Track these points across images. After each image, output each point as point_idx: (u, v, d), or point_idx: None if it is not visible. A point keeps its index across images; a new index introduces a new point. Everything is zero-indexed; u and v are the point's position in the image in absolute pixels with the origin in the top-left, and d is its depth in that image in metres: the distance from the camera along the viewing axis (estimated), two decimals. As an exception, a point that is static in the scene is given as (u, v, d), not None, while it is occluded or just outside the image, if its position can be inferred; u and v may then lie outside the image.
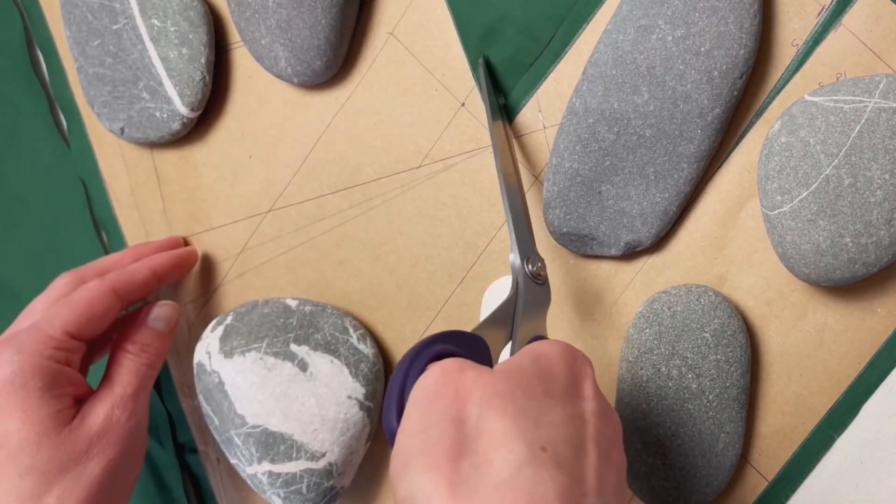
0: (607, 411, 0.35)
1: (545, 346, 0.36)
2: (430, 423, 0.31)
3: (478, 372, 0.33)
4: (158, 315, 0.49)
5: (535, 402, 0.32)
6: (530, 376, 0.33)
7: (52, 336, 0.44)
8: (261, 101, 0.51)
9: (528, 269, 0.42)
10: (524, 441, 0.30)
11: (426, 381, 0.33)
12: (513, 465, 0.30)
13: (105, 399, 0.45)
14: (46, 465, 0.42)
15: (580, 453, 0.32)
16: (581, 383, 0.35)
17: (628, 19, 0.43)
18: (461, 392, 0.32)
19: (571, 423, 0.33)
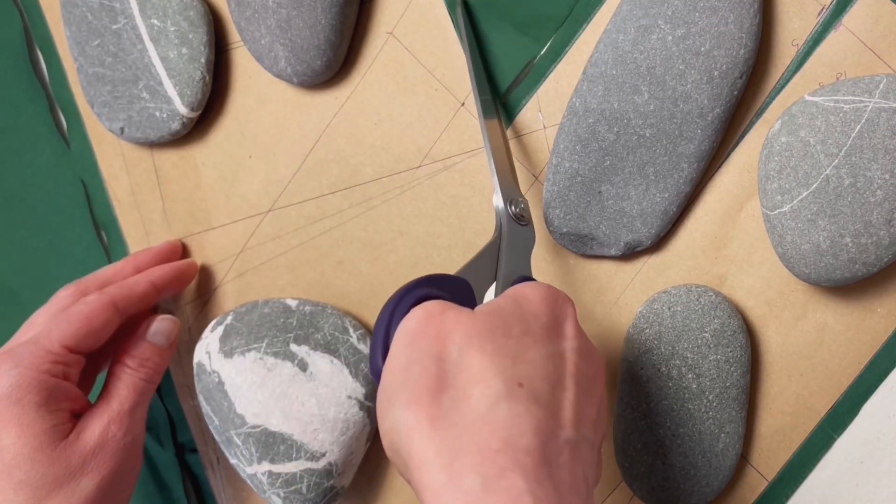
0: (588, 349, 0.36)
1: (527, 287, 0.37)
2: (412, 361, 0.33)
3: (459, 313, 0.34)
4: (158, 329, 0.49)
5: (513, 341, 0.33)
6: (510, 317, 0.34)
7: (49, 350, 0.44)
8: (261, 101, 0.51)
9: (512, 210, 0.42)
10: (501, 377, 0.32)
11: (409, 322, 0.34)
12: (490, 399, 0.31)
13: (102, 414, 0.45)
14: (41, 480, 0.42)
15: (558, 389, 0.33)
16: (562, 323, 0.36)
17: (628, 19, 0.43)
18: (442, 332, 0.33)
19: (550, 360, 0.34)
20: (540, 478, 0.30)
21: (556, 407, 0.33)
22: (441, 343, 0.33)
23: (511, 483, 0.30)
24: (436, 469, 0.30)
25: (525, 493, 0.29)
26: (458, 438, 0.30)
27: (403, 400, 0.32)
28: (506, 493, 0.29)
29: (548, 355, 0.34)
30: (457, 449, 0.30)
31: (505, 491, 0.29)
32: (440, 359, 0.33)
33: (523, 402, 0.31)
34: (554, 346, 0.35)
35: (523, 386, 0.32)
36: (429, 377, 0.32)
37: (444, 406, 0.31)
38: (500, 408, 0.31)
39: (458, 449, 0.30)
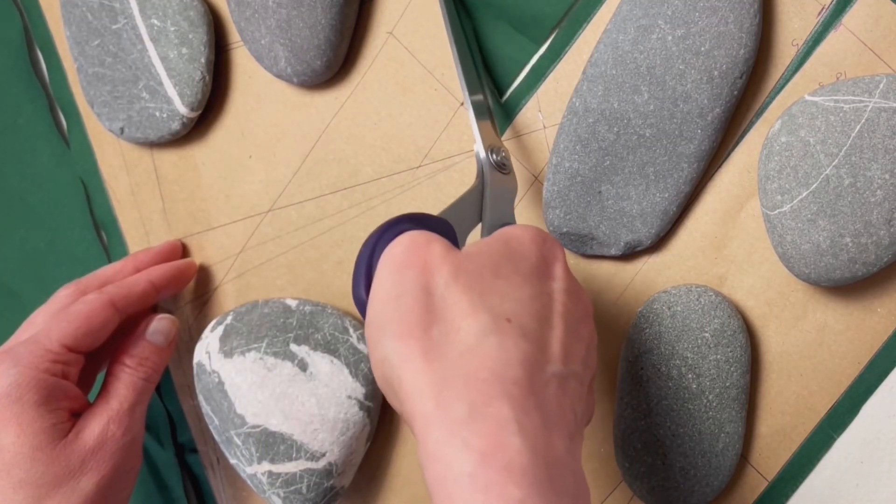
0: (576, 290, 0.37)
1: (516, 228, 0.37)
2: (402, 292, 0.33)
3: (446, 248, 0.34)
4: (157, 329, 0.49)
5: (502, 280, 0.34)
6: (499, 256, 0.35)
7: (48, 349, 0.44)
8: (261, 101, 0.51)
9: (493, 158, 0.43)
10: (489, 313, 0.32)
11: (394, 249, 0.35)
12: (478, 333, 0.32)
13: (101, 413, 0.45)
14: (40, 479, 0.43)
15: (546, 326, 0.34)
16: (551, 265, 0.36)
17: (628, 19, 0.43)
18: (429, 264, 0.34)
19: (538, 299, 0.34)
20: (526, 407, 0.31)
21: (543, 342, 0.33)
22: (428, 275, 0.33)
23: (497, 411, 0.30)
24: (425, 398, 0.31)
25: (511, 421, 0.30)
26: (447, 369, 0.31)
27: (395, 331, 0.32)
28: (492, 421, 0.30)
29: (536, 294, 0.34)
30: (446, 379, 0.31)
31: (491, 418, 0.30)
32: (428, 291, 0.33)
33: (511, 337, 0.32)
34: (542, 286, 0.35)
35: (511, 322, 0.32)
36: (419, 309, 0.32)
37: (434, 338, 0.32)
38: (489, 341, 0.32)
39: (446, 379, 0.31)
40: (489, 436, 0.30)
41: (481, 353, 0.31)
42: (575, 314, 0.36)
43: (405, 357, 0.32)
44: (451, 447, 0.30)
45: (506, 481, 0.29)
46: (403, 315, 0.32)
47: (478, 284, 0.33)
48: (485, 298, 0.33)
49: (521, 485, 0.29)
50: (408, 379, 0.31)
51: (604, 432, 0.48)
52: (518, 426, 0.30)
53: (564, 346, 0.34)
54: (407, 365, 0.32)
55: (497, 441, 0.30)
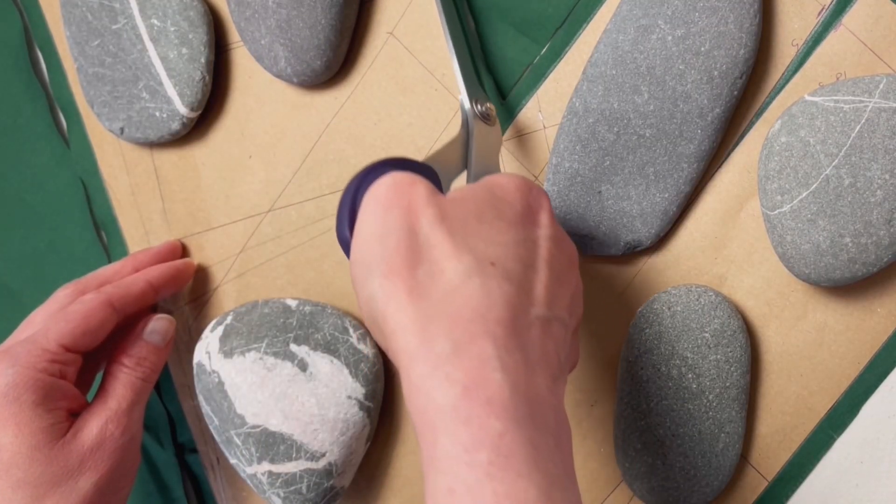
0: (561, 238, 0.37)
1: (502, 176, 0.37)
2: (386, 231, 0.34)
3: (430, 191, 0.35)
4: (154, 328, 0.49)
5: (486, 226, 0.34)
6: (483, 202, 0.35)
7: (46, 349, 0.44)
8: (261, 101, 0.51)
9: (478, 108, 0.43)
10: (473, 256, 0.33)
11: (378, 189, 0.35)
12: (462, 274, 0.32)
13: (99, 413, 0.45)
14: (38, 479, 0.43)
15: (530, 271, 0.34)
16: (536, 213, 0.37)
17: (628, 19, 0.43)
18: (413, 206, 0.34)
19: (523, 245, 0.35)
20: (509, 346, 0.31)
21: (527, 286, 0.34)
22: (413, 216, 0.34)
23: (481, 349, 0.31)
24: (410, 334, 0.31)
25: (493, 359, 0.31)
26: (431, 308, 0.32)
27: (381, 270, 0.33)
28: (475, 358, 0.31)
29: (520, 240, 0.35)
30: (430, 317, 0.31)
31: (474, 355, 0.31)
32: (412, 232, 0.33)
33: (495, 279, 0.33)
34: (527, 233, 0.35)
35: (495, 265, 0.33)
36: (404, 249, 0.33)
37: (420, 278, 0.32)
38: (472, 282, 0.32)
39: (431, 317, 0.31)
40: (471, 371, 0.30)
41: (465, 294, 0.32)
42: (560, 261, 0.36)
43: (391, 295, 0.32)
44: (434, 380, 0.31)
45: (487, 414, 0.30)
46: (389, 254, 0.33)
47: (462, 228, 0.34)
48: (469, 242, 0.33)
49: (501, 418, 0.30)
50: (393, 316, 0.32)
51: (604, 432, 0.48)
52: (500, 363, 0.31)
53: (549, 290, 0.34)
54: (392, 302, 0.32)
55: (479, 376, 0.30)
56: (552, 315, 0.34)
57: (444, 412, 0.30)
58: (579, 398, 0.48)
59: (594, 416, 0.48)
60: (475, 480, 0.29)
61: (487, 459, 0.29)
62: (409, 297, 0.32)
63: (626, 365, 0.45)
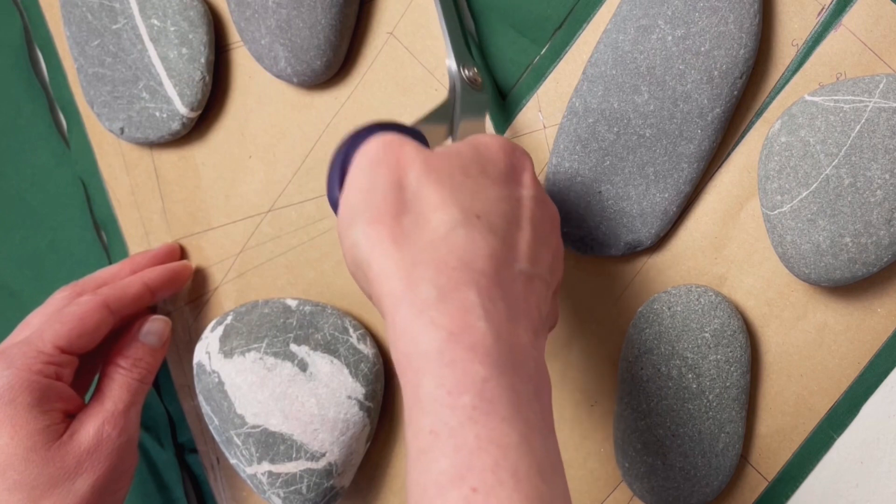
0: (544, 199, 0.38)
1: (486, 136, 0.38)
2: (373, 185, 0.34)
3: (418, 147, 0.35)
4: (150, 330, 0.49)
5: (471, 180, 0.35)
6: (468, 159, 0.35)
7: (42, 351, 0.44)
8: (261, 101, 0.51)
9: (465, 73, 0.43)
10: (459, 207, 0.33)
11: (368, 148, 0.35)
12: (448, 224, 0.33)
13: (96, 415, 0.45)
14: (35, 481, 0.43)
15: (514, 227, 0.35)
16: (520, 173, 0.37)
17: (628, 19, 0.43)
18: (402, 161, 0.34)
19: (507, 202, 0.35)
20: (493, 297, 0.32)
21: (511, 241, 0.34)
22: (401, 171, 0.34)
23: (465, 296, 0.31)
24: (395, 279, 0.32)
25: (477, 307, 0.31)
26: (416, 255, 0.32)
27: (366, 218, 0.33)
28: (459, 304, 0.31)
29: (504, 197, 0.35)
30: (415, 262, 0.32)
31: (459, 302, 0.31)
32: (400, 186, 0.34)
33: (480, 231, 0.33)
34: (510, 191, 0.36)
35: (480, 218, 0.33)
36: (390, 200, 0.33)
37: (405, 227, 0.33)
38: (458, 233, 0.33)
39: (416, 262, 0.32)
40: (456, 317, 0.31)
41: (451, 243, 0.32)
42: (542, 222, 0.37)
43: (374, 241, 0.33)
44: (419, 324, 0.31)
45: (471, 359, 0.30)
46: (375, 204, 0.33)
47: (448, 182, 0.34)
48: (455, 195, 0.34)
49: (485, 364, 0.30)
50: (377, 261, 0.32)
51: (604, 432, 0.48)
52: (484, 312, 0.31)
53: (531, 248, 0.35)
54: (376, 249, 0.32)
55: (464, 323, 0.31)
56: (534, 272, 0.35)
57: (429, 356, 0.30)
58: (579, 398, 0.48)
59: (594, 416, 0.48)
60: (458, 423, 0.30)
61: (471, 403, 0.30)
62: (393, 243, 0.32)
63: (626, 365, 0.45)
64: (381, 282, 0.32)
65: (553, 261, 0.37)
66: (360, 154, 0.36)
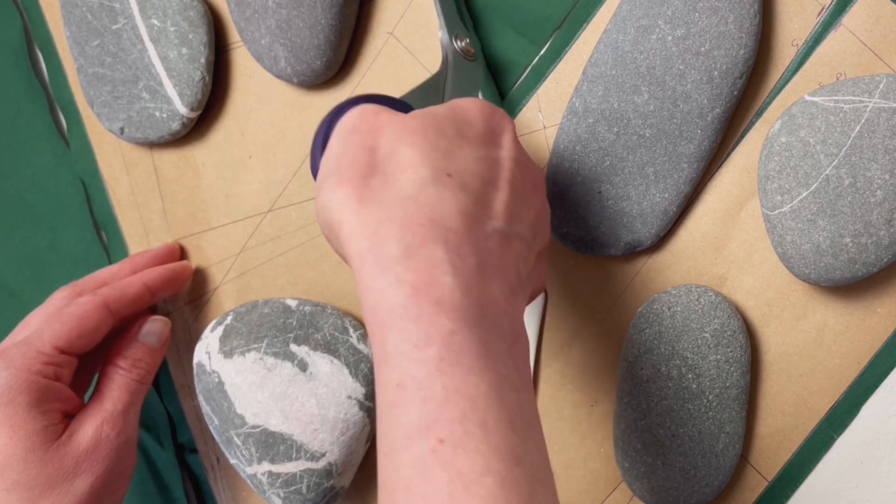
0: (526, 160, 0.37)
1: (465, 100, 0.38)
2: (345, 151, 0.34)
3: (393, 114, 0.35)
4: (150, 330, 0.49)
5: (445, 141, 0.34)
6: (444, 120, 0.35)
7: (41, 351, 0.44)
8: (261, 101, 0.51)
9: (457, 44, 0.43)
10: (430, 166, 0.33)
11: (345, 119, 0.36)
12: (416, 183, 0.33)
13: (95, 415, 0.45)
14: (33, 481, 0.43)
15: (490, 188, 0.34)
16: (500, 135, 0.37)
17: (628, 19, 0.43)
18: (375, 127, 0.35)
19: (483, 162, 0.35)
20: (462, 253, 0.32)
21: (486, 200, 0.34)
22: (374, 136, 0.34)
23: (431, 252, 0.31)
24: (362, 237, 0.32)
25: (444, 262, 0.31)
26: (384, 213, 0.32)
27: (335, 181, 0.33)
28: (426, 260, 0.31)
29: (481, 158, 0.35)
30: (382, 221, 0.32)
31: (425, 258, 0.31)
32: (372, 150, 0.34)
33: (450, 189, 0.33)
34: (488, 152, 0.36)
35: (452, 177, 0.33)
36: (360, 163, 0.33)
37: (373, 187, 0.33)
38: (427, 191, 0.32)
39: (383, 221, 0.32)
40: (422, 273, 0.31)
41: (419, 201, 0.32)
42: (523, 183, 0.36)
43: (343, 202, 0.33)
44: (384, 281, 0.31)
45: (437, 313, 0.30)
46: (345, 167, 0.34)
47: (421, 142, 0.34)
48: (427, 155, 0.34)
49: (452, 318, 0.30)
50: (346, 221, 0.33)
51: (604, 432, 0.48)
52: (451, 267, 0.31)
53: (509, 207, 0.35)
54: (345, 208, 0.33)
55: (430, 278, 0.31)
56: (512, 230, 0.34)
57: (394, 311, 0.30)
58: (579, 398, 0.48)
59: (594, 416, 0.48)
60: (425, 375, 0.30)
61: (437, 355, 0.30)
62: (361, 202, 0.32)
63: (626, 365, 0.45)
64: (350, 241, 0.32)
65: (536, 222, 0.37)
66: (339, 125, 0.36)
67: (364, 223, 0.32)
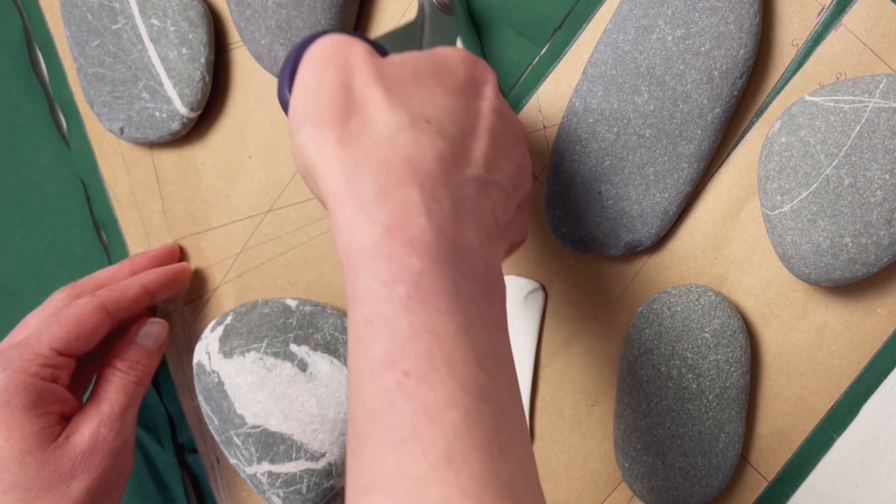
0: (507, 113, 0.37)
1: (446, 48, 0.37)
2: (320, 86, 0.34)
3: (368, 51, 0.35)
4: (147, 333, 0.49)
5: (424, 89, 0.34)
6: (424, 68, 0.35)
7: (38, 353, 0.44)
8: (261, 101, 0.51)
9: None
10: (407, 111, 0.33)
11: (316, 48, 0.35)
12: (393, 127, 0.33)
13: (92, 417, 0.45)
14: (30, 483, 0.42)
15: (468, 136, 0.34)
16: (481, 86, 0.37)
17: (628, 19, 0.43)
18: (350, 63, 0.34)
19: (463, 111, 0.35)
20: (437, 196, 0.32)
21: (464, 147, 0.34)
22: (349, 73, 0.34)
23: (406, 193, 0.31)
24: (338, 178, 0.32)
25: (419, 203, 0.31)
26: (360, 155, 0.32)
27: (314, 120, 0.33)
28: (399, 201, 0.31)
29: (460, 107, 0.35)
30: (359, 162, 0.32)
31: (399, 199, 0.31)
32: (347, 88, 0.34)
33: (427, 134, 0.33)
34: (468, 102, 0.35)
35: (430, 123, 0.33)
36: (337, 102, 0.33)
37: (352, 128, 0.33)
38: (404, 134, 0.32)
39: (360, 162, 0.32)
40: (395, 213, 0.31)
41: (395, 144, 0.32)
42: (504, 134, 0.36)
43: (320, 143, 0.33)
44: (357, 220, 0.31)
45: (408, 253, 0.30)
46: (321, 106, 0.33)
47: (398, 87, 0.34)
48: (404, 100, 0.33)
49: (423, 258, 0.30)
50: (323, 162, 0.33)
51: (604, 432, 0.48)
52: (425, 208, 0.31)
53: (488, 156, 0.35)
54: (322, 150, 0.33)
55: (402, 218, 0.31)
56: (490, 179, 0.34)
57: (366, 250, 0.31)
58: (579, 398, 0.48)
59: (594, 416, 0.48)
60: (392, 312, 0.30)
61: (406, 293, 0.30)
62: (338, 144, 0.32)
63: (626, 365, 0.45)
64: (326, 182, 0.33)
65: (516, 174, 0.37)
66: (309, 54, 0.35)
67: (342, 165, 0.32)
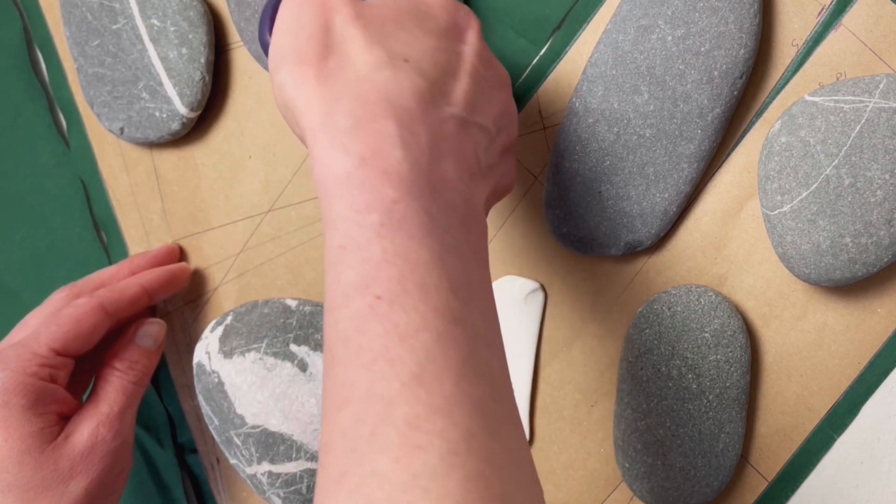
0: (490, 58, 0.37)
1: None
2: (300, 26, 0.34)
3: None
4: (146, 333, 0.49)
5: (404, 32, 0.35)
6: (404, 11, 0.36)
7: (37, 353, 0.44)
8: (261, 101, 0.51)
9: None
10: (386, 51, 0.33)
11: None
12: (372, 65, 0.33)
13: (91, 417, 0.45)
14: (28, 483, 0.42)
15: (449, 77, 0.35)
16: (464, 30, 0.37)
17: (628, 19, 0.43)
18: (329, 4, 0.35)
19: (444, 53, 0.35)
20: (414, 130, 0.32)
21: (444, 87, 0.34)
22: (328, 14, 0.34)
23: (382, 126, 0.32)
24: (316, 112, 0.33)
25: (394, 136, 0.32)
26: (338, 91, 0.33)
27: (292, 60, 0.34)
28: (375, 133, 0.31)
29: (441, 49, 0.35)
30: (336, 98, 0.32)
31: (374, 131, 0.31)
32: (326, 29, 0.34)
33: (406, 73, 0.33)
34: (449, 44, 0.36)
35: (409, 62, 0.34)
36: (315, 42, 0.34)
37: (330, 68, 0.33)
38: (382, 72, 0.33)
39: (337, 98, 0.32)
40: (369, 144, 0.31)
41: (373, 81, 0.33)
42: (487, 78, 0.36)
43: (299, 81, 0.33)
44: (332, 151, 0.32)
45: (382, 182, 0.31)
46: (301, 45, 0.34)
47: (377, 28, 0.34)
48: (383, 40, 0.34)
49: (397, 188, 0.31)
50: (302, 99, 0.33)
51: (604, 432, 0.48)
52: (401, 141, 0.32)
53: (469, 97, 0.35)
54: (301, 87, 0.33)
55: (377, 149, 0.31)
56: (471, 119, 0.35)
57: (339, 179, 0.31)
58: (579, 398, 0.48)
59: (594, 416, 0.48)
60: (365, 239, 0.30)
61: (378, 221, 0.30)
62: (317, 81, 0.33)
63: (626, 365, 0.45)
64: (304, 117, 0.33)
65: (500, 118, 0.37)
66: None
67: (320, 101, 0.33)
